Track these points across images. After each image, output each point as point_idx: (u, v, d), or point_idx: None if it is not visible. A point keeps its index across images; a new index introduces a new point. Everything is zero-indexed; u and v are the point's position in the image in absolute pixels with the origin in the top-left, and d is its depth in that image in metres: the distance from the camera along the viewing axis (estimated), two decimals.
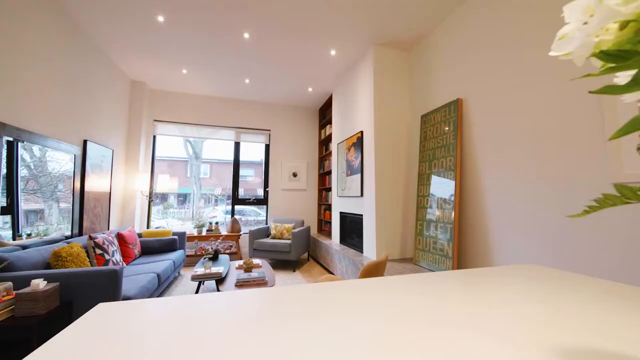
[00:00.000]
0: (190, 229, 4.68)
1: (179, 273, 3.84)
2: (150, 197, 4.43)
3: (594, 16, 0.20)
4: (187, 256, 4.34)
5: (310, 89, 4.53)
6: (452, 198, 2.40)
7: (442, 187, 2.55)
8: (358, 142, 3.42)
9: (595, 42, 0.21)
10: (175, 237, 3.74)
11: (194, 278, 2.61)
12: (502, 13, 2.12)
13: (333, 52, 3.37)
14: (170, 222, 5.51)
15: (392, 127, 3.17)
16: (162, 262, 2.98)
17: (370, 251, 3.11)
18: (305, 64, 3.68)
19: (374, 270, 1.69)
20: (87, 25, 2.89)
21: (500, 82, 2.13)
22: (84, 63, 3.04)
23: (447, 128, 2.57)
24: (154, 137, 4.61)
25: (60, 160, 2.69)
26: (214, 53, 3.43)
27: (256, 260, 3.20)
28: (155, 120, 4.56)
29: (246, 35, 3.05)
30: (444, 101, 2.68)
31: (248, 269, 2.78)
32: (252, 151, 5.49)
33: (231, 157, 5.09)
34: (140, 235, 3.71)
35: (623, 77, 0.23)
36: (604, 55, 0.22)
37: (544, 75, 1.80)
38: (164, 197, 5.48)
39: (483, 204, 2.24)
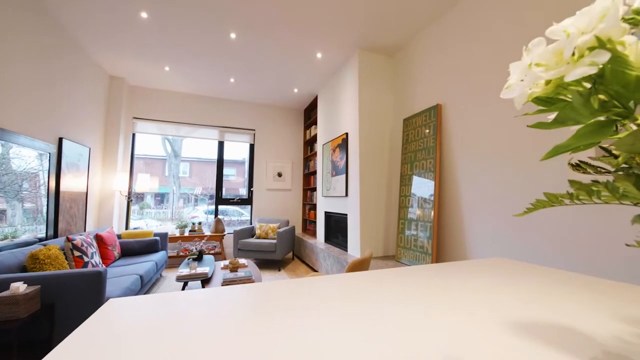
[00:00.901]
0: (170, 230, 4.57)
1: (161, 275, 3.76)
2: (129, 197, 4.30)
3: (527, 76, 0.28)
4: (169, 257, 4.25)
5: (295, 90, 4.58)
6: (432, 198, 2.55)
7: (422, 187, 2.70)
8: (343, 144, 3.52)
9: (529, 93, 0.29)
10: (157, 238, 3.66)
11: (179, 279, 2.59)
12: (479, 26, 2.28)
13: (319, 55, 3.44)
14: (148, 222, 5.34)
15: (376, 130, 3.29)
16: (144, 264, 2.93)
17: (355, 249, 3.22)
18: (291, 65, 3.73)
19: (359, 267, 1.78)
20: (64, 18, 2.77)
21: (475, 91, 2.29)
22: (61, 58, 2.91)
23: (427, 131, 2.72)
24: (133, 135, 4.47)
25: (26, 158, 2.53)
26: (199, 51, 3.39)
27: (242, 260, 3.21)
28: (134, 118, 4.41)
29: (233, 36, 3.05)
30: (425, 106, 2.83)
31: (234, 268, 2.79)
32: (234, 150, 5.43)
33: (212, 156, 5.03)
34: (119, 237, 3.60)
35: (552, 116, 0.32)
36: (537, 100, 0.31)
37: None
38: (139, 196, 5.30)
39: (459, 204, 2.40)
